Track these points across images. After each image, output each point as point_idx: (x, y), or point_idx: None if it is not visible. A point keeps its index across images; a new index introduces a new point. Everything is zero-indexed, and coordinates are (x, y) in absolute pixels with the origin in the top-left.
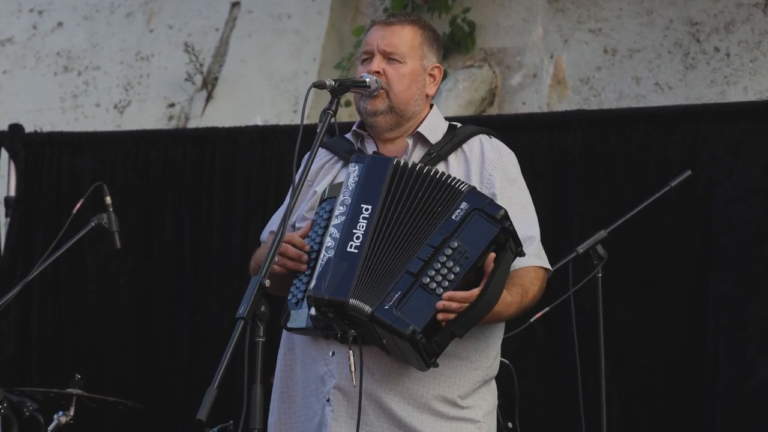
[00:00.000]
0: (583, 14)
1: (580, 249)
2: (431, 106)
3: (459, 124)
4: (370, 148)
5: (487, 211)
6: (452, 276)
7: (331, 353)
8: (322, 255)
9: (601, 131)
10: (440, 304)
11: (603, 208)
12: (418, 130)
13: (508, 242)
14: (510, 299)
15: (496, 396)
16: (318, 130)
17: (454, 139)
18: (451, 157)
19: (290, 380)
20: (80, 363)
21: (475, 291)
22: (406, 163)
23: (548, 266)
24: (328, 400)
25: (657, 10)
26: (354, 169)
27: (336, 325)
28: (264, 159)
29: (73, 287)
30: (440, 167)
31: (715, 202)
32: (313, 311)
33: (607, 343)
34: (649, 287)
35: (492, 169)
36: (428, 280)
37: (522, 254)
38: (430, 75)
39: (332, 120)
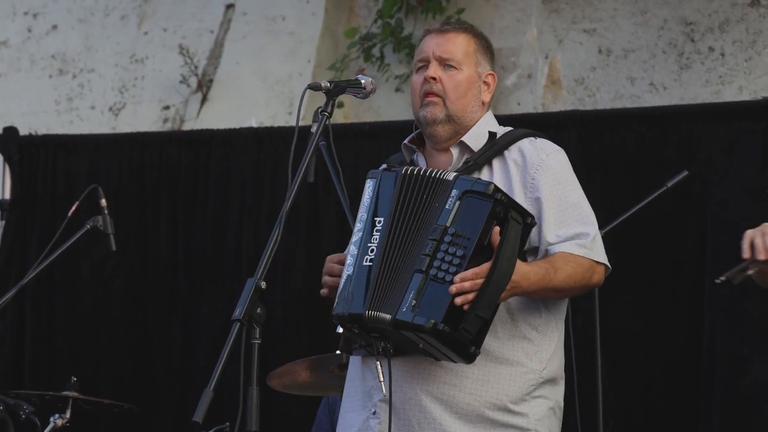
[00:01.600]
0: (578, 14)
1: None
2: (487, 111)
3: (505, 129)
4: (420, 161)
5: (475, 190)
6: (457, 260)
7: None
8: (344, 273)
9: (596, 131)
10: (453, 288)
11: (599, 209)
12: (462, 139)
13: (509, 213)
14: (527, 269)
15: (558, 396)
16: (313, 132)
17: (495, 147)
18: (495, 164)
19: (346, 397)
20: (75, 365)
21: (485, 265)
22: (412, 170)
23: (600, 259)
24: (374, 413)
25: (651, 10)
26: (369, 186)
27: (363, 339)
28: (259, 161)
29: (67, 289)
30: (483, 174)
31: (711, 202)
32: (339, 329)
33: (604, 343)
34: (646, 287)
35: (535, 172)
36: (436, 271)
37: (533, 224)
38: (485, 82)
39: (327, 121)
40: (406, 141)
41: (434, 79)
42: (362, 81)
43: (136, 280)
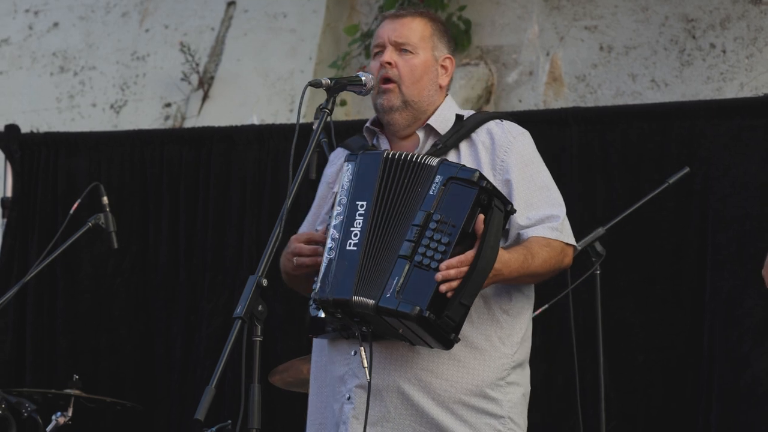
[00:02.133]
0: (579, 11)
1: (578, 246)
2: (446, 96)
3: (470, 112)
4: (383, 144)
5: (460, 176)
6: (443, 247)
7: (353, 353)
8: (324, 257)
9: (597, 128)
10: (439, 275)
11: (600, 206)
12: (428, 122)
13: (492, 201)
14: (508, 256)
15: (527, 381)
16: (314, 129)
17: (462, 129)
18: (462, 146)
19: (317, 383)
20: (76, 363)
21: (470, 253)
22: (395, 154)
23: (571, 241)
24: (348, 398)
25: (652, 7)
26: (348, 168)
27: (340, 323)
28: (260, 158)
29: (69, 287)
30: (449, 157)
31: (712, 198)
32: (321, 314)
33: (605, 340)
34: (646, 283)
35: (504, 154)
36: (421, 257)
37: (513, 211)
38: (442, 66)
39: (328, 118)
40: (368, 124)
41: (389, 63)
42: (363, 78)
43: (138, 277)
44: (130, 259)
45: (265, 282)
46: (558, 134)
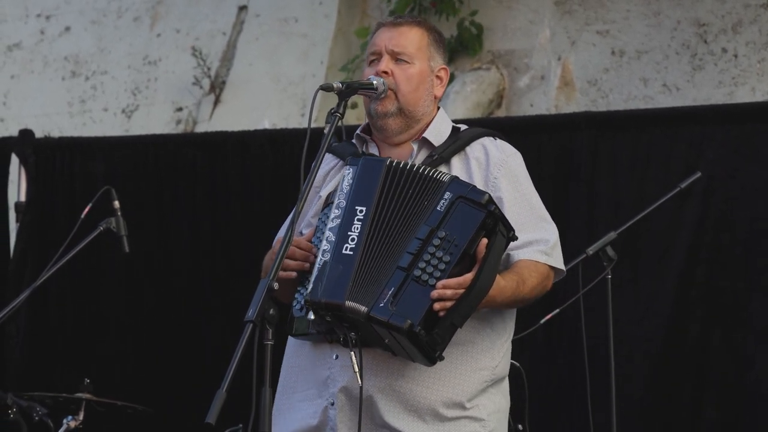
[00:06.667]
0: (591, 16)
1: (590, 250)
2: (438, 108)
3: (464, 127)
4: (373, 151)
5: (470, 197)
6: (443, 266)
7: (334, 356)
8: (318, 259)
9: (608, 133)
10: (435, 293)
11: (611, 210)
12: (424, 135)
13: (497, 226)
14: (504, 283)
15: (507, 398)
16: (325, 133)
17: (458, 142)
18: (455, 160)
19: (290, 384)
20: (89, 366)
21: (468, 276)
22: (398, 163)
23: (559, 266)
24: (332, 404)
25: (664, 12)
26: (348, 172)
27: (336, 328)
28: (272, 162)
29: (82, 291)
30: (442, 170)
31: (720, 201)
32: (311, 315)
33: (615, 343)
34: (652, 285)
35: (497, 172)
36: (420, 272)
37: (514, 238)
38: (437, 77)
39: (339, 122)
40: (358, 131)
41: (386, 73)
42: (375, 82)
43: (150, 282)
44: (143, 263)
45: (276, 285)
46: (569, 138)
